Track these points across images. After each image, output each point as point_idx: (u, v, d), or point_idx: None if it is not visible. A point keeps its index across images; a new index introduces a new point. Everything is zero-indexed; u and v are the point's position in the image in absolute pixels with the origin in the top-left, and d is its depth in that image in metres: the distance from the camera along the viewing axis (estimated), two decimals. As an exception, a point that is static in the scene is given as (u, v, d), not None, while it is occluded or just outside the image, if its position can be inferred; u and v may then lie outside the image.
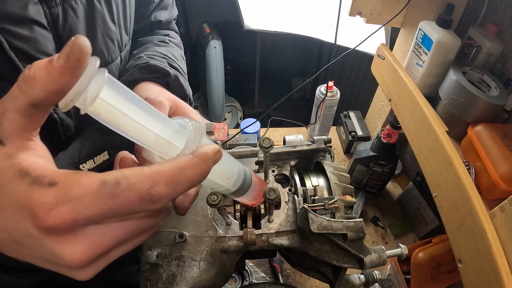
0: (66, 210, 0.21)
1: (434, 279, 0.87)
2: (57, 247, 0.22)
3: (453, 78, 0.74)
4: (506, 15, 0.75)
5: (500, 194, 0.63)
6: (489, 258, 0.54)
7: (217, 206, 0.41)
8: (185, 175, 0.25)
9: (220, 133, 1.34)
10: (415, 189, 1.04)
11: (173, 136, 0.27)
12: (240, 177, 0.38)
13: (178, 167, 0.24)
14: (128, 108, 0.24)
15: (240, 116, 2.34)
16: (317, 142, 0.58)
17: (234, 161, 0.38)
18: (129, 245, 0.28)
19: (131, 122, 0.24)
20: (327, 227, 0.44)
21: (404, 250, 0.50)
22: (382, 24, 0.93)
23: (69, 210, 0.21)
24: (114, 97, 0.23)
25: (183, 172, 0.25)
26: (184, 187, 0.25)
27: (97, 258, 0.25)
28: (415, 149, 0.78)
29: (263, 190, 0.43)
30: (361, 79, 1.93)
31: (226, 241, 0.49)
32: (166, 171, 0.24)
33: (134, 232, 0.26)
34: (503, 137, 0.66)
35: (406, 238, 1.08)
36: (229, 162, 0.36)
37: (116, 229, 0.25)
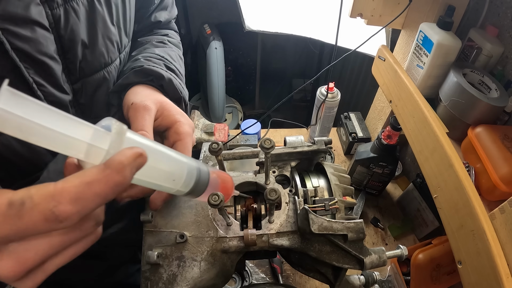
0: None
1: (434, 281, 0.87)
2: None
3: (454, 79, 0.74)
4: (507, 17, 0.75)
5: (500, 195, 0.63)
6: (489, 260, 0.54)
7: (218, 207, 0.41)
8: (93, 190, 0.23)
9: (220, 134, 1.34)
10: (415, 191, 1.04)
11: (96, 141, 0.25)
12: (192, 177, 0.36)
13: (84, 182, 0.23)
14: (36, 117, 0.22)
15: (241, 117, 2.35)
16: (317, 143, 0.59)
17: (181, 161, 0.35)
18: (64, 257, 0.27)
19: (42, 130, 0.23)
20: (327, 228, 0.44)
21: (404, 251, 0.51)
22: (382, 25, 0.94)
23: None
24: (18, 107, 0.22)
25: (90, 188, 0.23)
26: (95, 202, 0.24)
27: (32, 271, 0.25)
28: (415, 150, 0.78)
29: (230, 187, 0.42)
30: (361, 81, 1.93)
31: (227, 242, 0.49)
32: (70, 188, 0.23)
33: (59, 246, 0.26)
34: (503, 139, 0.67)
35: (406, 239, 1.08)
36: (172, 163, 0.34)
37: (39, 245, 0.25)
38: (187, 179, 0.36)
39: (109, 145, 0.25)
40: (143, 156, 0.26)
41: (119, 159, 0.24)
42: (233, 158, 0.60)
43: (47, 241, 0.25)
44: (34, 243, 0.24)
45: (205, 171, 0.39)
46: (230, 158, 0.60)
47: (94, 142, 0.25)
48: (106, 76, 0.57)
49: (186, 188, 0.37)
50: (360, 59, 1.86)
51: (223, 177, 0.43)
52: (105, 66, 0.56)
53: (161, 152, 0.32)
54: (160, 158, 0.32)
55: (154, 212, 0.52)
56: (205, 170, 0.39)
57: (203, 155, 0.61)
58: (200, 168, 0.38)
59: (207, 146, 0.56)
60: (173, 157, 0.34)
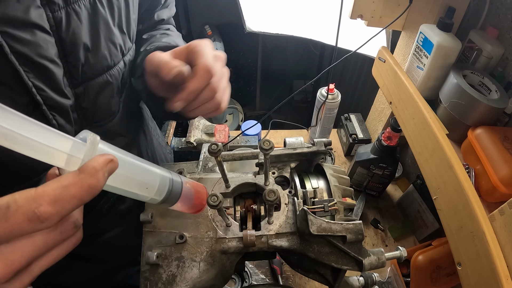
0: None
1: (434, 282, 0.87)
2: None
3: (454, 81, 0.74)
4: (507, 18, 0.75)
5: (500, 197, 0.63)
6: (488, 261, 0.54)
7: (218, 207, 0.42)
8: (69, 192, 0.26)
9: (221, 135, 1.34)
10: (415, 192, 1.04)
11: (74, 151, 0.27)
12: (165, 186, 0.39)
13: (61, 186, 0.26)
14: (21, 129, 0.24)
15: (241, 118, 2.35)
16: (317, 144, 0.59)
17: (153, 171, 0.38)
18: (48, 259, 0.29)
19: (27, 141, 0.25)
20: (326, 229, 0.45)
21: (403, 253, 0.51)
22: (383, 27, 0.94)
23: None
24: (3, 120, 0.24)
25: (67, 190, 0.26)
26: (72, 203, 0.26)
27: (18, 273, 0.26)
28: (415, 152, 0.78)
29: (204, 197, 0.45)
30: (362, 82, 1.93)
31: (226, 242, 0.49)
32: (49, 191, 0.25)
33: (42, 247, 0.28)
34: (503, 141, 0.67)
35: (406, 241, 1.08)
36: (144, 173, 0.36)
37: (24, 246, 0.26)
38: (160, 188, 0.38)
39: (84, 154, 0.28)
40: (114, 161, 0.28)
41: (91, 164, 0.27)
42: (233, 159, 0.60)
43: (31, 243, 0.27)
44: (19, 245, 0.26)
45: (178, 181, 0.42)
46: (230, 159, 0.60)
47: (72, 152, 0.27)
48: (109, 80, 0.56)
49: (160, 196, 0.39)
50: (361, 61, 1.86)
51: (196, 188, 0.45)
52: (108, 69, 0.56)
53: (134, 162, 0.35)
54: (133, 167, 0.35)
55: (153, 213, 0.52)
56: (178, 180, 0.42)
57: (202, 156, 0.61)
58: (173, 179, 0.41)
59: (207, 147, 0.56)
60: (145, 167, 0.37)
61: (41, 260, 0.28)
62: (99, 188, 0.27)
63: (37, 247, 0.27)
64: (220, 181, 0.55)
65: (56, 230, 0.28)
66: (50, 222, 0.25)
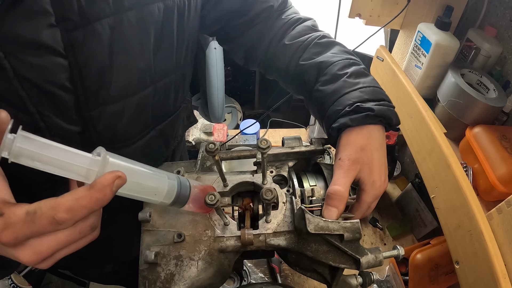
0: (9, 232, 0.31)
1: (432, 281, 0.87)
2: (14, 253, 0.32)
3: (452, 80, 0.74)
4: (505, 17, 0.75)
5: (498, 196, 0.63)
6: (486, 260, 0.54)
7: (215, 206, 0.42)
8: (80, 204, 0.32)
9: (219, 134, 1.34)
10: (413, 191, 1.04)
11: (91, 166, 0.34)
12: (173, 191, 0.43)
13: (74, 198, 0.32)
14: (45, 150, 0.31)
15: (240, 117, 2.35)
16: (315, 143, 0.59)
17: (161, 178, 0.42)
18: (69, 249, 0.36)
19: (52, 160, 0.32)
20: (323, 228, 0.45)
21: (400, 251, 0.51)
22: (381, 26, 0.94)
23: (11, 232, 0.31)
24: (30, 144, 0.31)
25: (78, 202, 0.32)
26: (83, 212, 0.32)
27: (45, 258, 0.34)
28: (413, 151, 0.78)
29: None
30: (361, 81, 1.93)
31: (224, 241, 0.49)
32: (64, 202, 0.31)
33: (65, 242, 0.34)
34: (501, 139, 0.67)
35: (405, 239, 1.08)
36: (153, 181, 0.41)
37: (50, 241, 0.33)
38: (168, 193, 0.42)
39: (98, 168, 0.34)
40: (122, 177, 0.33)
41: (100, 181, 0.32)
42: (231, 158, 0.60)
43: (55, 239, 0.33)
44: (46, 239, 0.33)
45: (186, 185, 0.45)
46: (228, 158, 0.60)
47: (90, 167, 0.34)
48: (130, 105, 0.52)
49: (169, 200, 0.43)
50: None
51: (206, 189, 0.48)
52: (130, 95, 0.51)
53: (142, 173, 0.40)
54: (141, 177, 0.40)
55: (152, 211, 0.52)
56: (186, 184, 0.45)
57: (201, 155, 0.61)
58: (181, 182, 0.44)
59: (204, 147, 0.56)
60: (154, 177, 0.42)
61: (63, 250, 0.35)
62: (106, 200, 0.33)
63: (60, 242, 0.34)
64: (218, 180, 0.55)
65: (75, 230, 0.35)
66: (66, 225, 0.32)
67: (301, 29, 0.64)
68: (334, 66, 0.55)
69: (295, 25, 0.66)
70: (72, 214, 0.32)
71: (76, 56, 0.42)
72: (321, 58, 0.57)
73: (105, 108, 0.49)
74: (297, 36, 0.63)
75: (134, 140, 0.58)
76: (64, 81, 0.43)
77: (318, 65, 0.57)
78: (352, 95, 0.51)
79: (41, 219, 0.31)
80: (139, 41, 0.48)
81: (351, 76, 0.54)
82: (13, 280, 0.98)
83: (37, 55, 0.39)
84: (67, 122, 0.46)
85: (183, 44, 0.56)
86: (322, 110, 0.55)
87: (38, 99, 0.42)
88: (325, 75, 0.55)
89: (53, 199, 0.32)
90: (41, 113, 0.43)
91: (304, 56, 0.60)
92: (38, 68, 0.40)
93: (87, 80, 0.45)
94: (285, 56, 0.63)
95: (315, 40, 0.61)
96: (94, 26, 0.42)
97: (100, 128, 0.50)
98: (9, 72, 0.38)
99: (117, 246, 0.76)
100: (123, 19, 0.45)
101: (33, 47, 0.39)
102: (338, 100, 0.52)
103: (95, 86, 0.46)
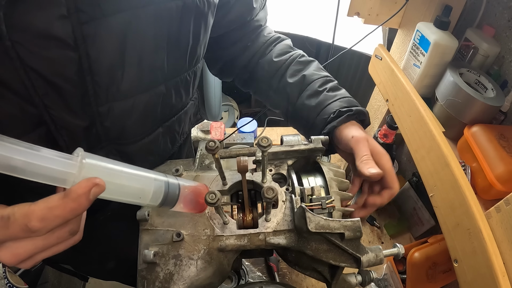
0: None
1: (429, 279, 0.88)
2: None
3: (450, 79, 0.75)
4: (503, 17, 0.75)
5: (496, 194, 0.63)
6: (484, 258, 0.55)
7: (215, 205, 0.41)
8: (53, 213, 0.31)
9: (216, 132, 1.34)
10: (411, 189, 1.05)
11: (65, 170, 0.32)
12: (160, 193, 0.41)
13: (47, 207, 0.31)
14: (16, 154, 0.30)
15: (237, 115, 2.34)
16: (314, 141, 0.58)
17: (146, 180, 0.40)
18: (48, 252, 0.36)
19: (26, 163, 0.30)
20: (324, 226, 0.44)
21: (401, 250, 0.51)
22: (379, 24, 0.94)
23: None
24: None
25: (51, 212, 0.31)
26: (57, 221, 0.32)
27: (23, 260, 0.34)
28: (411, 149, 0.79)
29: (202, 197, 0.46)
30: (357, 80, 1.93)
31: (224, 240, 0.49)
32: (37, 211, 0.31)
33: (42, 246, 0.34)
34: (499, 138, 0.67)
35: (402, 238, 1.09)
36: (135, 185, 0.39)
37: (27, 245, 0.33)
38: (154, 196, 0.41)
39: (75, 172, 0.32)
40: (99, 185, 0.32)
41: (75, 189, 0.31)
42: (229, 157, 0.60)
43: (33, 243, 0.33)
44: (24, 243, 0.33)
45: (175, 183, 0.44)
46: (227, 157, 0.60)
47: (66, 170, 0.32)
48: (140, 102, 0.51)
49: (156, 202, 0.42)
50: (357, 58, 1.86)
51: (196, 188, 0.47)
52: (140, 92, 0.50)
53: (125, 175, 0.38)
54: (123, 180, 0.38)
55: (150, 210, 0.52)
56: (174, 183, 0.44)
57: (199, 153, 0.61)
58: (169, 182, 0.43)
59: (204, 145, 0.56)
60: (137, 179, 0.39)
61: (42, 253, 0.35)
62: (82, 210, 0.32)
63: (37, 247, 0.34)
64: (217, 178, 0.54)
65: (53, 235, 0.34)
66: (40, 233, 0.32)
67: (283, 47, 0.73)
68: (315, 83, 0.67)
69: (276, 43, 0.74)
70: (44, 223, 0.31)
71: (87, 49, 0.40)
72: (303, 75, 0.68)
73: (114, 104, 0.48)
74: (280, 54, 0.72)
75: (141, 137, 0.57)
76: (73, 74, 0.41)
77: (301, 80, 0.67)
78: (333, 105, 0.63)
79: (14, 225, 0.31)
80: (154, 38, 0.46)
81: (329, 91, 0.66)
82: (9, 280, 0.97)
83: (46, 46, 0.38)
84: (73, 116, 0.45)
85: (197, 43, 0.55)
86: (308, 120, 0.66)
87: (45, 91, 0.41)
88: (307, 90, 0.66)
89: (27, 206, 0.31)
90: (46, 106, 0.42)
91: (288, 73, 0.69)
92: (46, 59, 0.39)
93: (97, 75, 0.43)
94: (269, 71, 0.71)
95: (296, 59, 0.71)
96: (108, 20, 0.40)
97: (107, 124, 0.49)
98: (15, 62, 0.37)
99: (119, 244, 0.75)
100: (140, 14, 0.43)
101: (43, 38, 0.37)
102: (323, 111, 0.63)
103: (105, 81, 0.45)
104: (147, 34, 0.45)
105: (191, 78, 0.60)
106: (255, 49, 0.73)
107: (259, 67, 0.73)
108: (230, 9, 0.64)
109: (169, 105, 0.58)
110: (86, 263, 0.83)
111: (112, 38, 0.42)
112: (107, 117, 0.48)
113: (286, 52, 0.72)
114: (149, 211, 0.51)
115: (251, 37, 0.73)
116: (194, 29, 0.52)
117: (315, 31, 1.40)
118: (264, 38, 0.74)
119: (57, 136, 0.46)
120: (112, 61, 0.44)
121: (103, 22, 0.40)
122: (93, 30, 0.40)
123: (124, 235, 0.72)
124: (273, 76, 0.71)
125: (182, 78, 0.57)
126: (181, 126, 0.67)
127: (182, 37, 0.51)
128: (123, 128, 0.52)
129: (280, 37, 0.76)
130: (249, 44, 0.73)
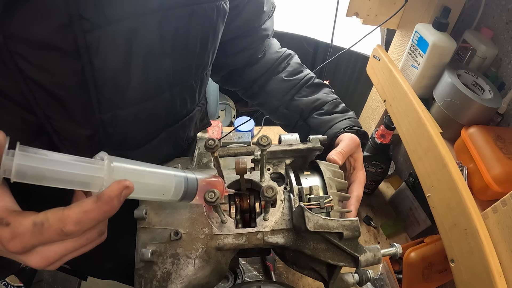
0: (17, 243, 0.31)
1: (425, 279, 0.88)
2: (23, 259, 0.33)
3: (448, 80, 0.75)
4: (501, 19, 0.76)
5: (492, 195, 0.64)
6: (481, 258, 0.55)
7: (214, 204, 0.41)
8: (89, 216, 0.32)
9: (214, 131, 1.34)
10: (407, 190, 1.05)
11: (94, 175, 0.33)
12: (180, 188, 0.43)
13: (82, 211, 0.32)
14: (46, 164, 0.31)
15: (234, 114, 2.33)
16: (312, 141, 0.58)
17: (168, 179, 0.42)
18: (76, 253, 0.37)
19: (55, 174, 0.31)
20: (323, 226, 0.44)
21: (398, 249, 0.51)
22: (378, 25, 0.94)
23: (19, 242, 0.31)
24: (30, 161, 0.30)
25: (87, 215, 0.32)
26: (91, 223, 0.33)
27: (52, 263, 0.35)
28: (409, 150, 0.79)
29: (220, 190, 0.47)
30: (355, 80, 1.94)
31: (221, 239, 0.49)
32: (72, 215, 0.32)
33: (72, 248, 0.35)
34: (496, 140, 0.67)
35: (398, 238, 1.09)
36: (158, 182, 0.41)
37: (58, 248, 0.34)
38: (175, 192, 0.43)
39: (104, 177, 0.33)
40: (129, 187, 0.33)
41: (107, 193, 0.32)
42: (227, 155, 0.60)
43: (63, 246, 0.35)
44: (54, 246, 0.34)
45: (194, 181, 0.45)
46: (225, 155, 0.60)
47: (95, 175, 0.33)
48: (144, 110, 0.50)
49: (177, 197, 0.43)
50: (354, 59, 1.86)
51: (212, 183, 0.48)
52: (145, 100, 0.49)
53: (149, 174, 0.40)
54: (148, 179, 0.40)
55: (148, 209, 0.51)
56: (193, 180, 0.45)
57: (197, 152, 0.61)
58: (188, 177, 0.44)
59: (202, 143, 0.56)
60: (160, 177, 0.41)
61: (70, 254, 0.36)
62: (114, 211, 0.33)
63: (68, 249, 0.35)
64: (216, 177, 0.54)
65: (83, 237, 0.36)
66: (74, 236, 0.33)
67: (296, 67, 0.78)
68: (328, 105, 0.73)
69: (287, 60, 0.79)
70: (80, 226, 0.32)
71: (91, 58, 0.39)
72: (316, 97, 0.74)
73: (118, 112, 0.46)
74: (293, 73, 0.77)
75: (144, 143, 0.56)
76: (75, 84, 0.40)
77: (315, 101, 0.73)
78: (344, 122, 0.70)
79: (49, 230, 0.31)
80: (160, 46, 0.45)
81: (340, 112, 0.73)
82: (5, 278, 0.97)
83: (46, 57, 0.36)
84: (76, 126, 0.44)
85: (205, 51, 0.54)
86: (317, 132, 0.70)
87: (46, 102, 0.40)
88: (321, 110, 0.73)
89: (61, 210, 0.32)
90: (49, 117, 0.41)
91: (302, 93, 0.75)
92: (47, 70, 0.37)
93: (101, 84, 0.42)
94: (283, 89, 0.75)
95: (310, 81, 0.76)
96: (113, 28, 0.39)
97: (110, 131, 0.48)
98: (15, 73, 0.36)
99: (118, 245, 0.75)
100: (146, 22, 0.41)
101: (43, 48, 0.36)
102: (335, 126, 0.69)
103: (109, 90, 0.43)
104: (154, 42, 0.44)
105: (197, 84, 0.59)
106: (267, 64, 0.76)
107: (272, 83, 0.76)
108: (238, 14, 0.62)
109: (173, 111, 0.57)
110: (83, 262, 0.83)
111: (117, 46, 0.40)
112: (110, 125, 0.47)
113: (299, 72, 0.77)
114: (146, 210, 0.51)
115: (258, 46, 0.73)
116: (202, 37, 0.51)
117: (313, 30, 1.40)
118: (277, 54, 0.78)
119: (59, 145, 0.45)
120: (116, 70, 0.42)
121: (108, 29, 0.38)
122: (97, 38, 0.38)
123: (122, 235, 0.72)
124: (286, 93, 0.75)
125: (188, 85, 0.56)
126: (185, 132, 0.66)
127: (189, 44, 0.49)
128: (126, 134, 0.51)
129: (290, 53, 0.80)
130: (259, 56, 0.75)
